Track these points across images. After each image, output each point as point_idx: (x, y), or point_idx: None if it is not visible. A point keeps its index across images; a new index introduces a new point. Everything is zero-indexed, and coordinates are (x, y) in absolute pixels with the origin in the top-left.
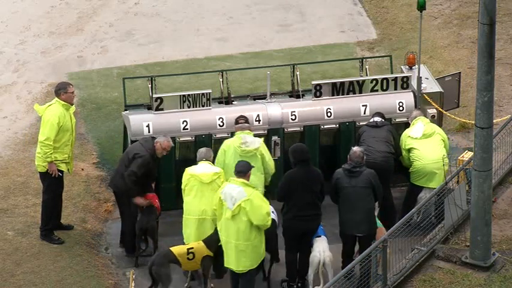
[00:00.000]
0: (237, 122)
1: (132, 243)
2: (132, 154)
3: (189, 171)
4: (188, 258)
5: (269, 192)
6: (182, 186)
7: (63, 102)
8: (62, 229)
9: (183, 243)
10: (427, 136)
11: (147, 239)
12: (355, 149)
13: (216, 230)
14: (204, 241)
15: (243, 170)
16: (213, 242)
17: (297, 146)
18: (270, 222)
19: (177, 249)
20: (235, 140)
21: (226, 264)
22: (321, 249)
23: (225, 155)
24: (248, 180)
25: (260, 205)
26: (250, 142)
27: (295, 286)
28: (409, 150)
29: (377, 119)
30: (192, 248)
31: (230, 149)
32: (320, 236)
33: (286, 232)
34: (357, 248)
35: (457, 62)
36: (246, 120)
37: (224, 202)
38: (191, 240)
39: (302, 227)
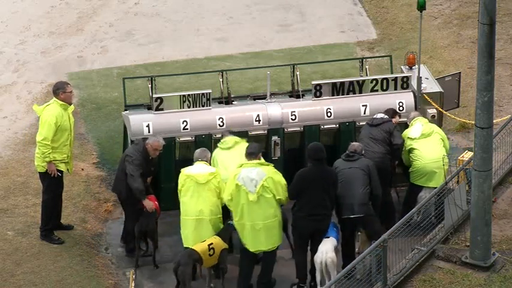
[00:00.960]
0: (221, 135)
1: (134, 243)
2: (124, 157)
3: (185, 172)
4: (209, 255)
5: None
6: (179, 187)
7: (61, 102)
8: (62, 229)
9: (182, 244)
10: (425, 136)
11: (147, 241)
12: (354, 142)
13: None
14: (219, 235)
15: (254, 152)
16: (227, 234)
17: (313, 144)
18: (287, 195)
19: (199, 247)
20: (218, 143)
21: (253, 249)
22: (324, 250)
23: (214, 159)
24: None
25: (279, 179)
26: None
27: (305, 287)
28: (409, 151)
29: (380, 115)
30: (212, 243)
31: (215, 151)
32: (329, 237)
33: (295, 231)
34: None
35: (457, 62)
36: (229, 131)
37: (243, 187)
38: (190, 241)
39: (312, 226)
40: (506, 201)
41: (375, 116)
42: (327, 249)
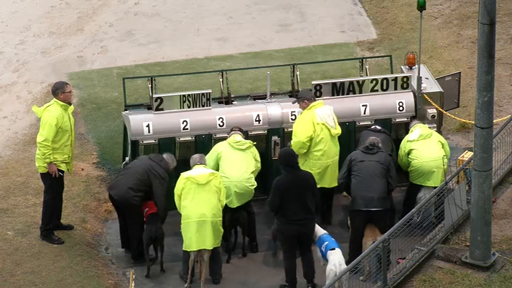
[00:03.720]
0: (231, 130)
1: (141, 250)
2: (156, 176)
3: (184, 176)
4: None
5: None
6: (177, 192)
7: (62, 103)
8: (62, 229)
9: (182, 245)
10: (424, 137)
11: (157, 248)
12: (371, 137)
13: None
14: None
15: (312, 95)
16: None
17: (283, 150)
18: None
19: None
20: (229, 139)
21: (323, 185)
22: (337, 262)
23: (219, 152)
24: None
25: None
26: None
27: None
28: (408, 154)
29: (378, 127)
30: None
31: (224, 146)
32: (334, 249)
33: (280, 236)
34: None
35: (457, 62)
36: (239, 129)
37: (325, 124)
38: (193, 244)
39: (295, 230)
40: (506, 201)
41: (373, 127)
42: (339, 261)
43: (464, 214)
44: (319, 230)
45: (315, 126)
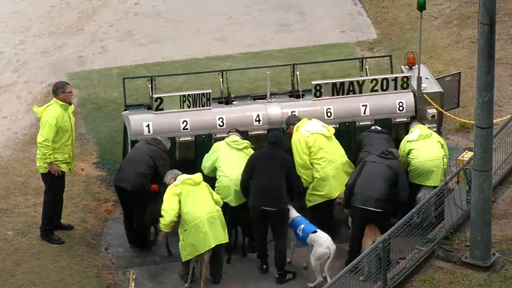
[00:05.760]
0: (229, 131)
1: (145, 235)
2: (159, 158)
3: (176, 183)
4: None
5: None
6: (177, 197)
7: (62, 103)
8: (62, 229)
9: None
10: (423, 137)
11: (157, 228)
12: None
13: None
14: None
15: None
16: None
17: (275, 131)
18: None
19: None
20: (227, 139)
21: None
22: (329, 244)
23: (217, 152)
24: None
25: None
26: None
27: (265, 266)
28: (408, 154)
29: (378, 128)
30: None
31: (222, 146)
32: (316, 231)
33: (251, 213)
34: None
35: (457, 62)
36: (237, 130)
37: (316, 132)
38: (210, 241)
39: (260, 209)
40: (506, 201)
41: (373, 128)
42: (331, 242)
43: (464, 214)
44: (293, 212)
45: (306, 142)
